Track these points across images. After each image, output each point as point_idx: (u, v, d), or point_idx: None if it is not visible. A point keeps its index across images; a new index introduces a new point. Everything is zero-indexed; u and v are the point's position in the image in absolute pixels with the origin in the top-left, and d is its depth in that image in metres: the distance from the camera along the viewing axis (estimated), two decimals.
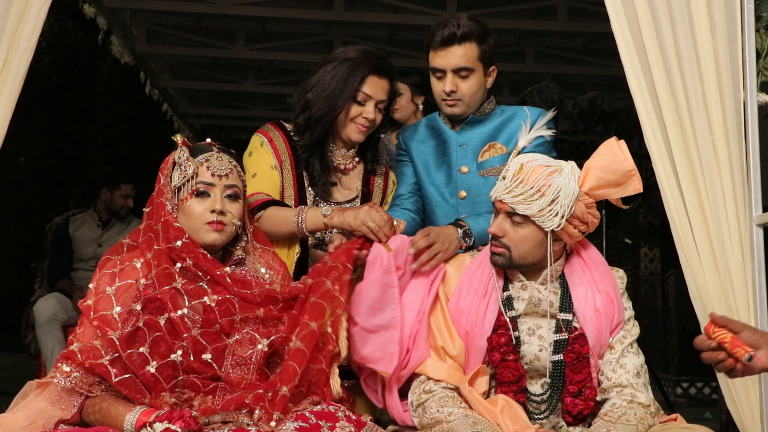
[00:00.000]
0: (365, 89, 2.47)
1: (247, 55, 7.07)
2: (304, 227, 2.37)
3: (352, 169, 2.62)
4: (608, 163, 2.08)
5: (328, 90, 2.47)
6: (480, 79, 2.59)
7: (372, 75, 2.48)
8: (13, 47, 2.31)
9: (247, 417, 1.83)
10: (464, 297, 2.17)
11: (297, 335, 1.99)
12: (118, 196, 4.87)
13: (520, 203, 2.05)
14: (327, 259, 2.18)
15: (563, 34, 6.58)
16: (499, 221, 2.10)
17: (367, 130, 2.52)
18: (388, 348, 2.15)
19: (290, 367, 1.93)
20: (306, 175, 2.53)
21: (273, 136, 2.55)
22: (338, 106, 2.46)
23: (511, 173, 2.07)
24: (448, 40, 2.53)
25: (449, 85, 2.56)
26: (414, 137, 2.75)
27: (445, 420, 2.00)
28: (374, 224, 2.23)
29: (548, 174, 2.05)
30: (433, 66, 2.60)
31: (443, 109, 2.65)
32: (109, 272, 2.02)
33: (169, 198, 2.07)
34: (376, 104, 2.50)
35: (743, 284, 2.34)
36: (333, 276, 2.11)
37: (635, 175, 2.09)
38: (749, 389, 2.31)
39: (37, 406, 1.89)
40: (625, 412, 2.00)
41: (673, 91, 2.39)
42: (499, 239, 2.10)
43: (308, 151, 2.52)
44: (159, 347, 1.93)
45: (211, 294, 2.01)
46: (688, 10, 2.41)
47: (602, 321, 2.11)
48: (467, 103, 2.59)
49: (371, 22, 6.35)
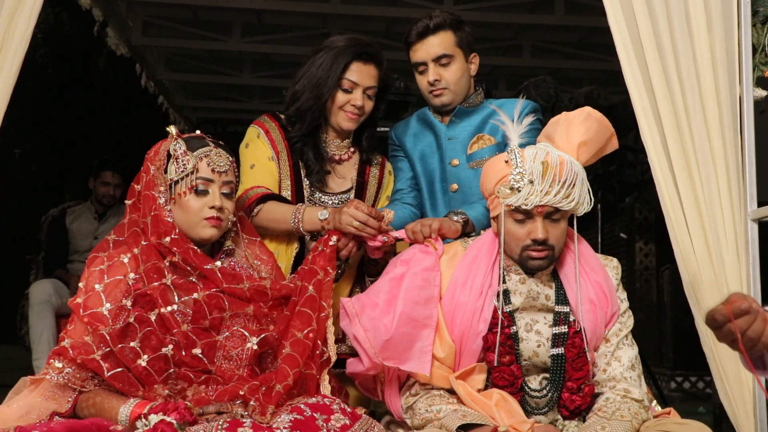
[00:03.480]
0: (350, 76, 2.48)
1: (243, 47, 7.05)
2: (301, 227, 2.37)
3: (347, 160, 2.62)
4: (597, 133, 2.09)
5: (314, 80, 2.48)
6: (462, 65, 2.62)
7: (356, 61, 2.48)
8: (7, 39, 2.30)
9: (242, 408, 1.83)
10: (460, 293, 2.13)
11: (289, 341, 2.01)
12: (99, 184, 4.87)
13: (562, 200, 2.00)
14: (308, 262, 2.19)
15: (560, 29, 6.57)
16: (541, 225, 2.02)
17: (357, 117, 2.52)
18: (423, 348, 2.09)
19: (284, 369, 1.95)
20: (302, 165, 2.53)
21: (269, 128, 2.55)
22: (324, 94, 2.47)
23: (538, 175, 2.00)
24: (422, 32, 2.60)
25: (432, 74, 2.60)
26: (407, 132, 2.76)
27: (435, 418, 1.99)
28: (357, 223, 2.21)
29: (567, 162, 2.02)
30: (415, 61, 2.64)
31: (431, 101, 2.67)
32: (97, 269, 2.02)
33: (162, 191, 2.07)
34: (365, 91, 2.50)
35: (738, 279, 2.35)
36: (314, 281, 2.12)
37: (614, 134, 2.13)
38: (743, 384, 2.32)
39: (31, 401, 1.90)
40: (619, 407, 1.99)
41: (670, 86, 2.39)
42: (546, 243, 2.04)
43: (302, 141, 2.52)
44: (150, 341, 1.94)
45: (202, 289, 2.01)
46: (684, 5, 2.41)
47: (597, 313, 2.10)
48: (453, 90, 2.62)
49: (367, 15, 6.33)
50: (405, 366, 2.07)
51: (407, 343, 2.06)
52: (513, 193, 2.02)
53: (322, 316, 2.08)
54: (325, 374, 2.04)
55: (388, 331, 2.05)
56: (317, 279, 2.12)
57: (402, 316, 2.06)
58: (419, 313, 2.08)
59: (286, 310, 2.08)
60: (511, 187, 2.02)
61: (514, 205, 2.02)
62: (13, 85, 2.31)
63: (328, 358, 2.07)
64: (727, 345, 1.54)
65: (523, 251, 2.06)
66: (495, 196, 2.08)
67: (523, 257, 2.07)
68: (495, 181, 2.07)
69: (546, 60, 7.12)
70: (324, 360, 2.06)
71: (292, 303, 2.09)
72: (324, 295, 2.11)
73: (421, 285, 2.11)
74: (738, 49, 2.42)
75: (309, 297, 2.09)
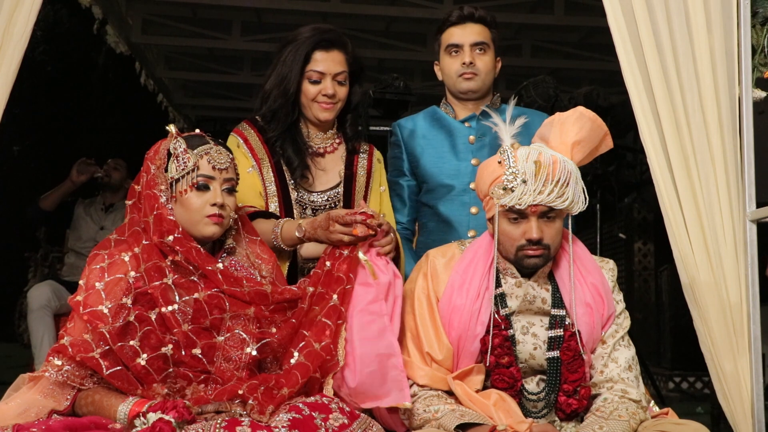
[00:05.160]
0: (314, 67, 2.44)
1: (242, 46, 7.06)
2: (281, 243, 2.32)
3: (332, 152, 2.57)
4: (590, 131, 2.09)
5: (280, 77, 2.46)
6: (493, 59, 2.72)
7: (317, 51, 2.44)
8: (7, 36, 2.30)
9: (240, 407, 1.83)
10: (457, 296, 2.12)
11: (300, 351, 1.99)
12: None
13: (556, 199, 2.00)
14: (326, 268, 2.12)
15: (560, 29, 6.59)
16: (536, 225, 2.03)
17: (332, 106, 2.47)
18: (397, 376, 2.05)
19: (294, 375, 1.93)
20: (285, 168, 2.48)
21: (248, 135, 2.51)
22: (290, 90, 2.44)
23: (531, 174, 2.00)
24: (467, 16, 2.68)
25: (468, 56, 2.67)
26: (416, 130, 2.77)
27: (433, 418, 1.99)
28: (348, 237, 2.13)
29: (560, 161, 2.02)
30: (450, 42, 2.69)
31: (459, 85, 2.70)
32: (97, 267, 2.01)
33: (163, 190, 2.06)
34: (334, 78, 2.45)
35: (736, 280, 2.35)
36: (339, 290, 2.07)
37: (608, 132, 2.14)
38: (741, 384, 2.32)
39: (30, 398, 1.89)
40: (617, 407, 1.99)
41: (669, 87, 2.39)
42: (540, 242, 2.04)
43: (280, 138, 2.48)
44: (150, 340, 1.93)
45: (203, 289, 2.01)
46: (684, 5, 2.40)
47: (594, 316, 2.11)
48: (483, 79, 2.69)
49: (367, 13, 6.34)
50: (384, 402, 2.04)
51: (379, 380, 2.04)
52: (506, 194, 2.02)
53: (338, 323, 2.04)
54: (330, 378, 2.02)
55: (353, 380, 2.03)
56: (343, 288, 2.07)
57: (363, 358, 2.04)
58: (378, 348, 2.05)
59: (292, 317, 2.05)
60: (504, 187, 2.02)
61: (508, 205, 2.02)
62: (13, 82, 2.31)
63: (335, 363, 2.03)
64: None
65: (518, 251, 2.06)
66: (489, 197, 2.08)
67: (519, 257, 2.07)
68: (489, 182, 2.07)
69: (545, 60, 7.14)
70: (332, 365, 2.03)
71: (300, 310, 2.06)
72: (344, 303, 2.06)
73: (370, 320, 2.07)
74: (737, 50, 2.42)
75: (332, 307, 2.04)
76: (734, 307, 2.33)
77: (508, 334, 2.09)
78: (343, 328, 2.05)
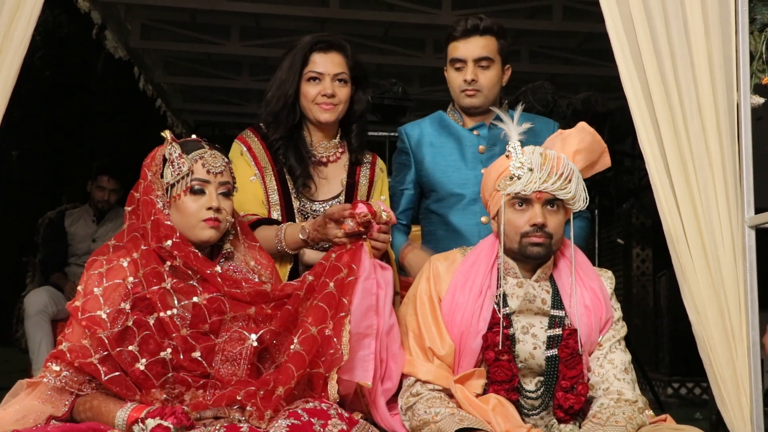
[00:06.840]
0: (313, 68, 2.47)
1: (241, 51, 7.06)
2: (285, 247, 2.35)
3: (335, 161, 2.58)
4: (591, 144, 2.16)
5: (280, 81, 2.49)
6: (498, 73, 2.67)
7: (314, 53, 2.48)
8: (6, 41, 2.30)
9: (239, 413, 1.83)
10: (459, 294, 2.16)
11: (298, 337, 1.98)
12: (95, 188, 4.86)
13: (560, 189, 2.08)
14: (331, 259, 2.14)
15: (558, 34, 6.59)
16: (540, 211, 2.09)
17: (333, 107, 2.49)
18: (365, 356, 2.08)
19: (288, 370, 1.92)
20: (288, 177, 2.49)
21: (251, 143, 2.53)
22: (288, 92, 2.47)
23: (537, 164, 2.08)
24: (471, 30, 2.63)
25: (470, 74, 2.63)
26: (423, 137, 2.76)
27: (432, 420, 2.01)
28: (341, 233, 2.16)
29: (564, 158, 2.11)
30: (454, 57, 2.66)
31: (461, 101, 2.68)
32: (96, 273, 2.01)
33: (160, 195, 2.07)
34: (333, 78, 2.48)
35: (735, 286, 2.35)
36: (336, 278, 2.09)
37: (606, 150, 2.22)
38: (739, 390, 2.32)
39: (28, 404, 1.89)
40: (614, 413, 2.01)
41: (667, 92, 2.40)
42: (543, 229, 2.10)
43: (283, 145, 2.49)
44: (148, 345, 1.93)
45: (202, 293, 2.01)
46: (682, 12, 2.41)
47: (592, 318, 2.14)
48: (486, 95, 2.65)
49: (365, 19, 6.35)
50: (347, 377, 2.05)
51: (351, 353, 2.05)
52: (513, 182, 2.09)
53: (341, 315, 2.03)
54: (334, 373, 1.99)
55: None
56: (340, 276, 2.09)
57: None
58: (361, 324, 2.08)
59: (288, 304, 2.04)
60: (511, 176, 2.10)
61: (515, 191, 2.09)
62: (12, 87, 2.31)
63: (340, 356, 2.01)
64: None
65: (523, 238, 2.11)
66: (495, 191, 2.14)
67: (523, 244, 2.11)
68: (495, 177, 2.15)
69: (544, 65, 7.14)
70: (336, 358, 2.00)
71: (295, 297, 2.06)
72: (345, 293, 2.07)
73: (363, 295, 2.10)
74: (735, 56, 2.43)
75: (328, 294, 2.05)
76: (732, 312, 2.33)
77: (508, 332, 2.13)
78: (347, 320, 2.03)
